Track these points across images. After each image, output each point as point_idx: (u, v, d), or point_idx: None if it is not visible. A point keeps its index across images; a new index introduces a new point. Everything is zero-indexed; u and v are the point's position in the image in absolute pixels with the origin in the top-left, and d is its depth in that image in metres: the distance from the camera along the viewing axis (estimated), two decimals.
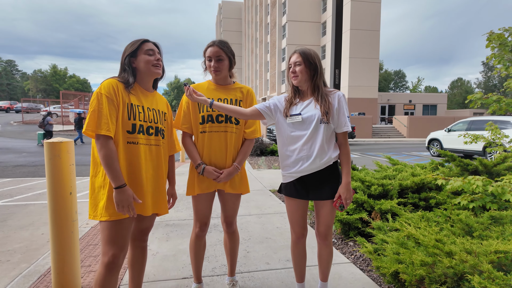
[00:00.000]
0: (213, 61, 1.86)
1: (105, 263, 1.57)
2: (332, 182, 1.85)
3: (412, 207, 3.27)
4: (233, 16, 63.97)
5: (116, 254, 1.57)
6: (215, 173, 1.87)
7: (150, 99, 1.74)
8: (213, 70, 1.88)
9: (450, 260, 1.75)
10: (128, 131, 1.59)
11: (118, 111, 1.56)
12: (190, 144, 1.93)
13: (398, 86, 69.40)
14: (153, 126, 1.70)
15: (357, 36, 28.80)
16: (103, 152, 1.48)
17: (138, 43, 1.66)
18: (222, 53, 1.86)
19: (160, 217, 3.97)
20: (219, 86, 1.97)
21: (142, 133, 1.65)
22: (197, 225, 1.98)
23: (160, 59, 1.71)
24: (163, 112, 1.81)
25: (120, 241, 1.58)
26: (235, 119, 1.93)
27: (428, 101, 36.95)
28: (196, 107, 1.92)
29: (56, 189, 2.06)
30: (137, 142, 1.62)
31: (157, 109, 1.76)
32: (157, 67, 1.69)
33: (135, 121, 1.61)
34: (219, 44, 1.87)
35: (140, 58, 1.65)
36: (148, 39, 1.70)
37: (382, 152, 13.98)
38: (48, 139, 2.05)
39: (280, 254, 2.83)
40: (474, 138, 4.23)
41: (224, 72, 1.91)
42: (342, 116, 1.79)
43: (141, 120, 1.64)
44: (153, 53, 1.68)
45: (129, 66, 1.66)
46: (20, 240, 3.28)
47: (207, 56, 1.88)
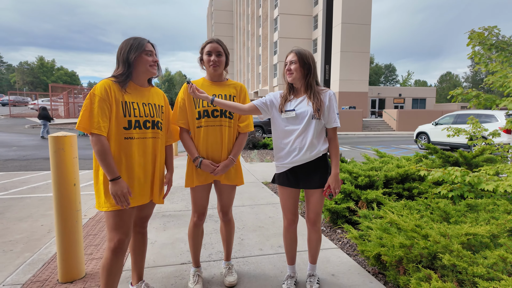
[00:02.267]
0: (213, 56, 1.97)
1: (111, 248, 1.71)
2: (321, 173, 2.03)
3: (396, 196, 3.48)
4: (225, 8, 63.30)
5: (121, 239, 1.72)
6: (211, 166, 2.00)
7: (146, 95, 1.84)
8: (213, 65, 1.98)
9: (425, 242, 1.94)
10: (125, 127, 1.71)
11: (111, 110, 1.68)
12: (187, 139, 2.05)
13: (389, 80, 70.13)
14: (149, 120, 1.81)
15: (348, 30, 28.97)
16: (96, 148, 1.63)
17: (144, 42, 1.76)
18: (221, 49, 2.00)
19: (156, 208, 4.10)
20: (213, 83, 2.08)
21: (138, 128, 1.76)
22: (195, 215, 2.12)
23: (157, 60, 1.82)
24: (159, 106, 1.91)
25: (124, 228, 1.73)
26: (230, 114, 2.05)
27: (417, 95, 37.55)
28: (192, 103, 2.02)
29: (60, 180, 2.17)
30: (133, 137, 1.74)
31: (153, 103, 1.86)
32: (154, 67, 1.81)
33: (130, 118, 1.73)
34: (218, 41, 2.02)
35: (140, 58, 1.75)
36: (148, 40, 1.80)
37: (372, 145, 14.29)
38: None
39: (272, 241, 3.01)
40: (456, 132, 4.45)
41: (221, 68, 2.04)
42: (332, 113, 1.97)
43: (137, 116, 1.75)
44: (151, 54, 1.79)
45: (128, 63, 1.74)
46: (20, 231, 3.38)
47: (207, 51, 1.98)
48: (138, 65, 1.76)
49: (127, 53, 1.73)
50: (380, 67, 68.97)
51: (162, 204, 4.26)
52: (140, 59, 1.75)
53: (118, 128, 1.70)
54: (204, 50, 2.00)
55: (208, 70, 2.05)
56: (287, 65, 2.01)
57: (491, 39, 3.31)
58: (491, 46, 3.30)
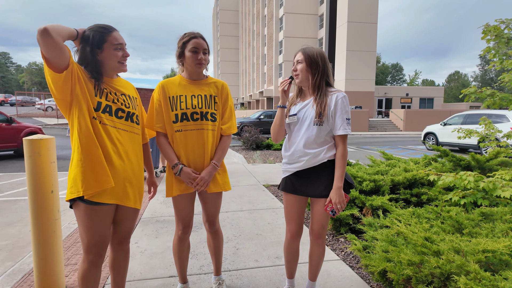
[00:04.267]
0: (200, 54, 1.77)
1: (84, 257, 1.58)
2: (328, 181, 1.81)
3: (403, 203, 3.25)
4: (230, 8, 63.25)
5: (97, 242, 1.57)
6: (193, 175, 1.79)
7: (118, 84, 1.65)
8: (199, 63, 1.78)
9: (437, 260, 1.73)
10: (94, 108, 1.51)
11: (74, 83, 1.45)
12: (165, 144, 1.84)
13: (396, 80, 69.35)
14: (124, 110, 1.60)
15: (354, 29, 28.58)
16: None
17: (103, 36, 1.51)
18: (206, 46, 1.81)
19: (151, 213, 3.93)
20: (192, 81, 1.86)
21: (109, 114, 1.54)
22: (180, 227, 1.92)
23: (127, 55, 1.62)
24: (134, 97, 1.72)
25: (98, 230, 1.56)
26: (212, 116, 1.86)
27: (425, 95, 36.95)
28: (168, 104, 1.80)
29: (36, 187, 2.00)
30: (105, 123, 1.52)
31: (127, 94, 1.66)
32: (123, 64, 1.61)
33: (101, 100, 1.53)
34: (203, 37, 1.81)
35: (112, 52, 1.53)
36: (112, 27, 1.57)
37: (378, 146, 13.99)
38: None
39: (269, 251, 2.81)
40: (467, 133, 4.20)
41: (205, 66, 1.85)
42: (338, 119, 1.74)
43: (109, 101, 1.55)
44: (122, 48, 1.58)
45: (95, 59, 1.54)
46: (7, 237, 3.23)
47: (193, 47, 1.75)
48: (105, 59, 1.55)
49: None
50: (387, 66, 68.22)
51: (157, 208, 4.10)
52: (107, 52, 1.54)
53: (90, 107, 1.49)
54: (187, 45, 1.76)
55: (190, 68, 1.82)
56: (294, 65, 1.85)
57: (509, 33, 3.06)
58: (508, 40, 3.05)
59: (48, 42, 1.29)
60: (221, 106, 1.92)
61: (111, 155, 1.52)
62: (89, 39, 1.49)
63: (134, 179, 1.63)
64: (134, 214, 1.74)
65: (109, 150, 1.52)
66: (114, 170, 1.53)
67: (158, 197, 4.68)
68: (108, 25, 1.55)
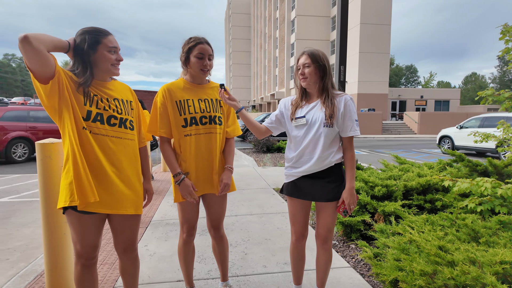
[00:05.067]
0: (205, 60, 1.77)
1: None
2: (334, 184, 1.81)
3: (417, 209, 3.16)
4: (242, 11, 63.65)
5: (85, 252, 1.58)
6: (191, 188, 1.76)
7: (112, 89, 1.60)
8: (204, 69, 1.78)
9: (451, 271, 1.66)
10: (83, 117, 1.47)
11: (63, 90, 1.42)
12: (169, 151, 1.82)
13: (410, 81, 68.13)
14: (116, 116, 1.56)
15: (367, 30, 28.26)
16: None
17: (96, 38, 1.48)
18: (211, 52, 1.80)
19: (161, 216, 3.95)
20: (195, 85, 1.86)
21: (100, 122, 1.50)
22: (184, 229, 1.91)
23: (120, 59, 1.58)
24: (128, 101, 1.66)
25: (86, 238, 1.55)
26: (219, 120, 1.86)
27: (440, 97, 36.15)
28: (175, 108, 1.79)
29: (48, 190, 2.03)
30: (96, 132, 1.50)
31: (120, 98, 1.61)
32: (116, 67, 1.57)
33: (91, 108, 1.49)
34: (208, 42, 1.80)
35: (104, 54, 1.50)
36: (107, 31, 1.54)
37: (391, 149, 13.74)
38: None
39: (278, 256, 2.77)
40: (484, 137, 4.06)
41: (209, 72, 1.84)
42: (348, 121, 1.76)
43: (100, 109, 1.51)
44: (115, 51, 1.55)
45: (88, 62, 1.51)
46: (21, 238, 3.31)
47: (198, 53, 1.74)
48: (98, 61, 1.52)
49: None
50: (401, 68, 67.11)
51: (167, 211, 4.13)
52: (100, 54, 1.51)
53: (77, 117, 1.46)
54: (193, 50, 1.76)
55: (195, 73, 1.82)
56: (300, 69, 1.81)
57: None
58: None
59: (28, 50, 1.23)
60: (225, 110, 1.94)
61: (102, 165, 1.50)
62: (84, 40, 1.46)
63: (128, 186, 1.60)
64: (134, 221, 1.68)
65: (100, 160, 1.50)
66: (105, 180, 1.51)
67: (169, 200, 4.70)
68: (104, 29, 1.54)
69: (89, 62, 1.49)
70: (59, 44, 1.39)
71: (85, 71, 1.48)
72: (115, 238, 1.68)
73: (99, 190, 1.50)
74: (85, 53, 1.47)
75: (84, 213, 1.49)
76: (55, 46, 1.36)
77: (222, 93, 1.76)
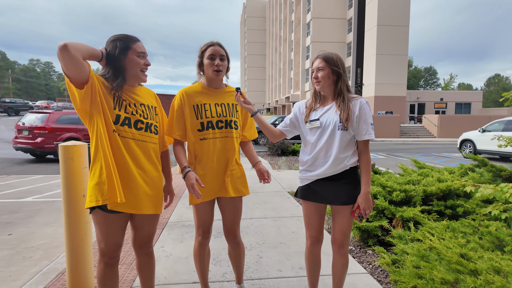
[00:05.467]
0: (217, 60, 1.79)
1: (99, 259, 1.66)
2: (349, 187, 1.79)
3: (437, 215, 3.07)
4: (257, 14, 63.97)
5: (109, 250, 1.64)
6: (193, 181, 1.69)
7: (139, 94, 1.68)
8: (216, 70, 1.79)
9: (474, 280, 1.60)
10: (113, 121, 1.55)
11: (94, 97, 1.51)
12: (180, 150, 1.85)
13: (429, 84, 66.43)
14: (143, 120, 1.64)
15: (384, 32, 27.79)
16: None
17: (126, 44, 1.58)
18: (224, 52, 1.82)
19: (177, 217, 4.00)
20: (212, 90, 1.88)
21: (128, 126, 1.58)
22: (199, 232, 1.92)
23: (148, 64, 1.66)
24: (153, 107, 1.74)
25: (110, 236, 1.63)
26: (235, 124, 1.88)
27: (461, 99, 35.02)
28: (192, 112, 1.82)
29: (69, 191, 2.10)
30: (124, 136, 1.57)
31: (146, 104, 1.69)
32: (143, 73, 1.66)
33: (119, 112, 1.56)
34: (220, 44, 1.83)
35: (134, 59, 1.59)
36: (136, 38, 1.63)
37: (410, 153, 13.41)
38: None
39: (293, 260, 2.75)
40: (509, 141, 3.90)
41: (224, 73, 1.85)
42: (363, 124, 1.74)
43: (128, 113, 1.59)
44: (144, 56, 1.63)
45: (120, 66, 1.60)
46: (43, 236, 3.42)
47: (209, 54, 1.78)
48: (128, 66, 1.60)
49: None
50: (419, 70, 65.57)
51: (184, 213, 4.18)
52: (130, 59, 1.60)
53: (107, 120, 1.53)
54: (205, 53, 1.80)
55: (209, 75, 1.84)
56: (313, 73, 1.81)
57: None
58: None
59: (66, 57, 1.32)
60: (242, 114, 1.96)
61: (129, 167, 1.57)
62: (115, 46, 1.55)
63: (151, 187, 1.67)
64: (153, 220, 1.76)
65: (127, 162, 1.57)
66: (131, 181, 1.58)
67: (185, 202, 4.76)
68: (133, 35, 1.62)
69: (120, 67, 1.58)
70: (94, 53, 1.48)
71: (116, 76, 1.56)
72: (134, 234, 1.76)
73: (125, 191, 1.57)
74: (117, 58, 1.56)
75: (110, 213, 1.56)
76: (90, 55, 1.45)
77: (238, 96, 1.78)
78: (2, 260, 2.83)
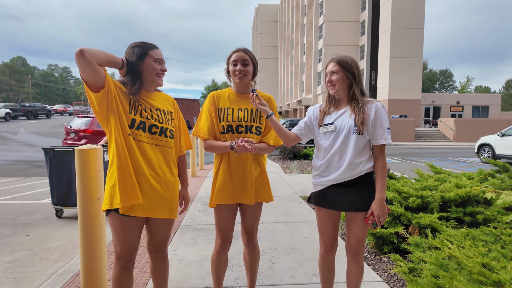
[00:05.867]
0: (238, 65, 1.82)
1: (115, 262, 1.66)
2: (365, 194, 1.75)
3: (455, 222, 2.97)
4: (270, 18, 64.21)
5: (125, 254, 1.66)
6: (248, 146, 1.68)
7: (155, 99, 1.71)
8: (238, 75, 1.83)
9: None
10: (128, 125, 1.58)
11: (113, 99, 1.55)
12: (214, 141, 1.85)
13: (444, 87, 65.02)
14: (157, 125, 1.66)
15: (398, 34, 27.40)
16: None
17: (143, 50, 1.63)
18: (247, 57, 1.83)
19: (190, 220, 4.02)
20: (239, 95, 1.92)
21: (142, 130, 1.61)
22: (219, 240, 1.92)
23: (164, 69, 1.70)
24: (169, 112, 1.76)
25: (127, 240, 1.64)
26: (256, 129, 1.88)
27: (478, 102, 34.11)
28: (217, 115, 1.87)
29: (85, 194, 2.13)
30: (141, 140, 1.60)
31: (161, 109, 1.71)
32: (160, 78, 1.69)
33: (135, 117, 1.59)
34: (245, 49, 1.86)
35: (150, 64, 1.63)
36: (154, 45, 1.68)
37: (425, 157, 13.11)
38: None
39: (306, 267, 2.71)
40: None
41: (248, 78, 1.87)
42: (379, 128, 1.70)
43: (143, 117, 1.62)
44: (160, 62, 1.67)
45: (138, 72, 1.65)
46: (60, 238, 3.49)
47: (233, 60, 1.84)
48: (145, 72, 1.65)
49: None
50: (435, 73, 64.29)
51: (196, 216, 4.18)
52: (147, 64, 1.64)
53: (122, 124, 1.57)
54: (230, 60, 1.85)
55: (234, 81, 1.90)
56: (327, 76, 1.79)
57: None
58: None
59: (82, 62, 1.36)
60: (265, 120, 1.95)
61: (143, 171, 1.60)
62: (133, 53, 1.61)
63: (167, 191, 1.69)
64: (168, 225, 1.77)
65: (142, 166, 1.59)
66: (146, 185, 1.60)
67: (197, 205, 4.78)
68: (151, 43, 1.67)
69: (138, 72, 1.63)
70: (112, 59, 1.51)
71: (134, 81, 1.61)
72: (148, 238, 1.77)
73: (143, 197, 1.59)
74: (134, 64, 1.61)
75: (126, 216, 1.58)
76: (107, 61, 1.49)
77: (253, 97, 1.77)
78: (20, 260, 2.90)
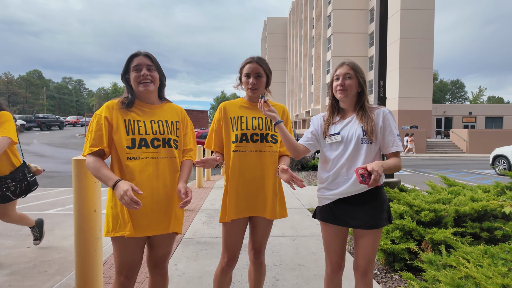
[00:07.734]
0: (251, 78, 1.78)
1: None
2: (376, 210, 1.63)
3: (471, 238, 2.79)
4: (278, 31, 64.99)
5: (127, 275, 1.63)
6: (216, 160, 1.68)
7: (157, 112, 1.68)
8: (250, 88, 1.79)
9: None
10: (128, 147, 1.55)
11: (110, 129, 1.55)
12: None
13: (456, 97, 64.12)
14: (159, 137, 1.62)
15: (407, 45, 27.26)
16: (89, 168, 1.51)
17: (126, 61, 1.63)
18: (261, 70, 1.79)
19: (193, 233, 3.92)
20: (252, 104, 1.88)
21: (145, 147, 1.58)
22: (225, 257, 1.82)
23: (146, 74, 1.59)
24: (172, 122, 1.71)
25: (127, 260, 1.61)
26: (272, 138, 1.82)
27: (492, 113, 33.40)
28: (229, 125, 1.82)
29: (81, 206, 2.07)
30: (138, 157, 1.56)
31: (164, 120, 1.67)
32: (144, 84, 1.60)
33: (134, 136, 1.56)
34: (258, 60, 1.80)
35: (131, 76, 1.62)
36: (137, 52, 1.63)
37: (437, 169, 12.76)
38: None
39: (312, 285, 2.56)
40: None
41: (261, 89, 1.83)
42: (389, 135, 1.60)
43: (142, 134, 1.58)
44: (139, 69, 1.60)
45: (128, 84, 1.65)
46: (60, 250, 3.42)
47: (246, 72, 1.80)
48: (132, 84, 1.63)
49: (122, 76, 1.67)
50: (446, 83, 63.55)
51: (199, 229, 4.08)
52: (131, 76, 1.62)
53: (121, 148, 1.54)
54: (243, 70, 1.81)
55: (246, 93, 1.87)
56: (339, 79, 1.67)
57: None
58: None
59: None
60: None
61: (143, 189, 1.55)
62: (123, 68, 1.64)
63: (170, 206, 1.63)
64: (169, 240, 1.71)
65: (143, 185, 1.55)
66: (145, 203, 1.55)
67: (201, 217, 4.68)
68: (135, 52, 1.63)
69: (130, 85, 1.63)
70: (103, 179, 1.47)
71: (127, 95, 1.63)
72: (149, 253, 1.71)
73: (140, 216, 1.55)
74: (126, 80, 1.64)
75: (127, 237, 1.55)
76: (99, 178, 1.50)
77: (261, 103, 1.69)
78: (18, 273, 2.84)
